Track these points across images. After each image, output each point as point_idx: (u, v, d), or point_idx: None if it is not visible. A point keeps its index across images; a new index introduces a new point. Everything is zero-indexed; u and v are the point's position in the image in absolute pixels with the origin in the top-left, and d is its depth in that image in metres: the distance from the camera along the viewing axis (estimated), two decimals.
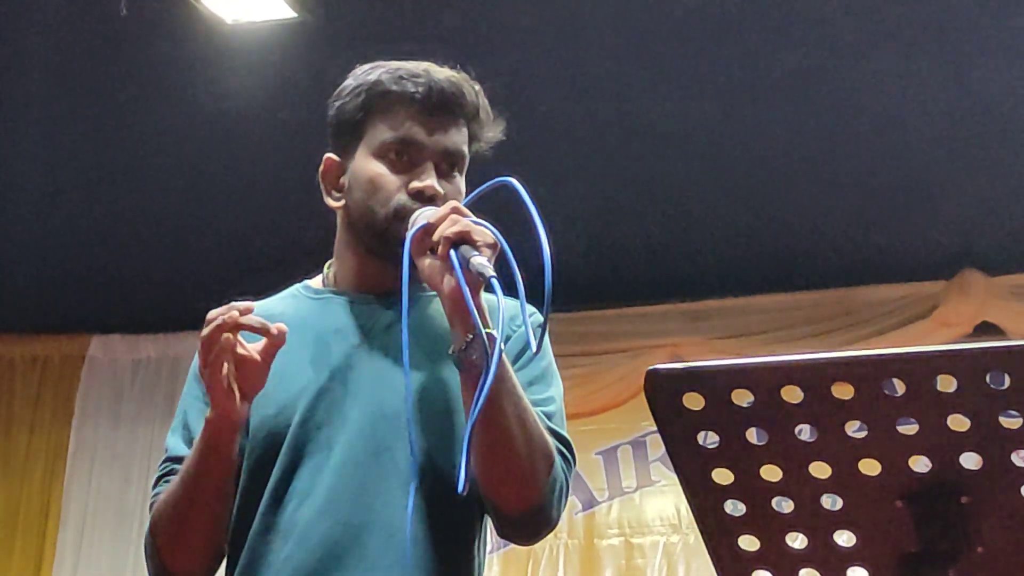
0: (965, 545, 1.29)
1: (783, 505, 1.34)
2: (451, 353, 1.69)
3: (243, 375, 1.67)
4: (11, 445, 6.23)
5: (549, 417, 1.79)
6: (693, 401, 1.29)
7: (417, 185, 1.80)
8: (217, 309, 1.65)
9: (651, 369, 1.29)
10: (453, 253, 1.65)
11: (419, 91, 1.82)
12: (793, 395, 1.26)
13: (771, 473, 1.31)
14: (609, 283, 5.57)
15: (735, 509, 1.35)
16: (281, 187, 4.77)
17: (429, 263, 1.70)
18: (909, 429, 1.26)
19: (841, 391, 1.25)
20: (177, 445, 1.82)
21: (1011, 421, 1.23)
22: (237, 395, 1.67)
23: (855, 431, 1.27)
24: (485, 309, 1.66)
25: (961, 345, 1.25)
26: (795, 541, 1.36)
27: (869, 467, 1.29)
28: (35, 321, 6.19)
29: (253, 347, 1.68)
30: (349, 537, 1.71)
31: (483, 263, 1.63)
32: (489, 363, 1.60)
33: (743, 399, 1.28)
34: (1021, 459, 1.25)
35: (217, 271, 5.27)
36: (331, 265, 1.93)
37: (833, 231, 5.12)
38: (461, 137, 1.85)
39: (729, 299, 5.58)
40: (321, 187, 1.90)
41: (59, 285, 5.82)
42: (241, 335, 1.67)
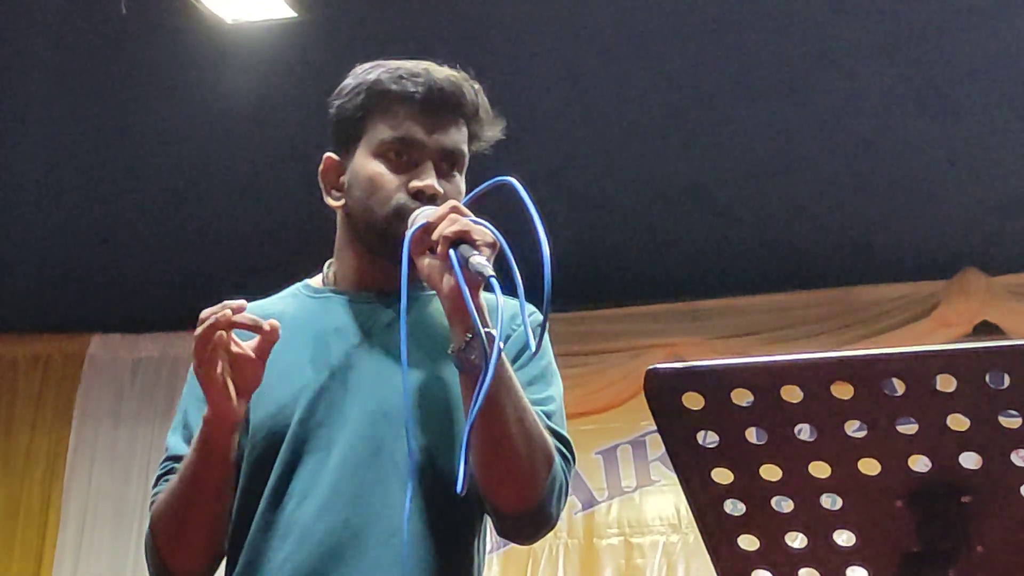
0: (965, 545, 1.29)
1: (783, 505, 1.34)
2: (450, 352, 1.69)
3: (238, 372, 1.67)
4: (12, 444, 6.23)
5: (549, 416, 1.79)
6: (693, 401, 1.29)
7: (417, 184, 1.80)
8: (210, 308, 1.65)
9: (651, 369, 1.29)
10: (452, 252, 1.65)
11: (419, 90, 1.82)
12: (793, 395, 1.26)
13: (771, 473, 1.31)
14: (609, 282, 5.57)
15: (735, 509, 1.35)
16: (281, 187, 4.78)
17: (428, 262, 1.70)
18: (909, 429, 1.25)
19: (841, 391, 1.25)
20: (177, 444, 1.82)
21: (1011, 421, 1.23)
22: (233, 393, 1.67)
23: (855, 431, 1.27)
24: (484, 308, 1.66)
25: (961, 345, 1.25)
26: (795, 541, 1.36)
27: (869, 467, 1.28)
28: (36, 320, 6.18)
29: (248, 344, 1.68)
30: (348, 536, 1.71)
31: (482, 262, 1.63)
32: (488, 362, 1.60)
33: (743, 399, 1.28)
34: (1021, 459, 1.25)
35: (217, 271, 5.27)
36: (331, 264, 1.93)
37: (833, 231, 5.12)
38: (461, 136, 1.85)
39: (729, 299, 5.57)
40: (321, 186, 1.90)
41: (59, 285, 5.82)
42: (236, 334, 1.67)
